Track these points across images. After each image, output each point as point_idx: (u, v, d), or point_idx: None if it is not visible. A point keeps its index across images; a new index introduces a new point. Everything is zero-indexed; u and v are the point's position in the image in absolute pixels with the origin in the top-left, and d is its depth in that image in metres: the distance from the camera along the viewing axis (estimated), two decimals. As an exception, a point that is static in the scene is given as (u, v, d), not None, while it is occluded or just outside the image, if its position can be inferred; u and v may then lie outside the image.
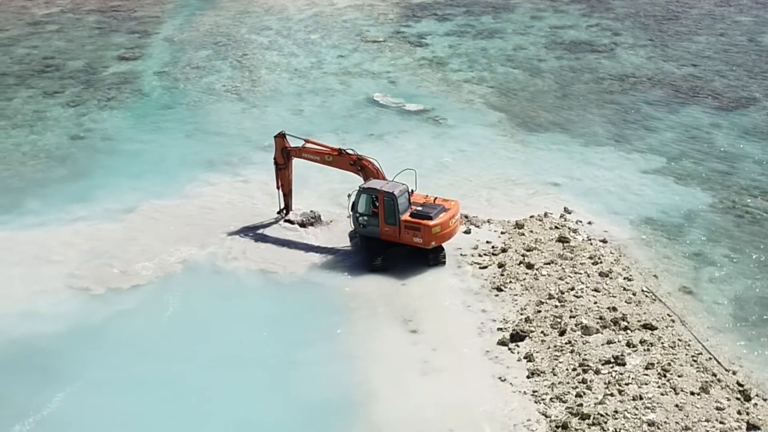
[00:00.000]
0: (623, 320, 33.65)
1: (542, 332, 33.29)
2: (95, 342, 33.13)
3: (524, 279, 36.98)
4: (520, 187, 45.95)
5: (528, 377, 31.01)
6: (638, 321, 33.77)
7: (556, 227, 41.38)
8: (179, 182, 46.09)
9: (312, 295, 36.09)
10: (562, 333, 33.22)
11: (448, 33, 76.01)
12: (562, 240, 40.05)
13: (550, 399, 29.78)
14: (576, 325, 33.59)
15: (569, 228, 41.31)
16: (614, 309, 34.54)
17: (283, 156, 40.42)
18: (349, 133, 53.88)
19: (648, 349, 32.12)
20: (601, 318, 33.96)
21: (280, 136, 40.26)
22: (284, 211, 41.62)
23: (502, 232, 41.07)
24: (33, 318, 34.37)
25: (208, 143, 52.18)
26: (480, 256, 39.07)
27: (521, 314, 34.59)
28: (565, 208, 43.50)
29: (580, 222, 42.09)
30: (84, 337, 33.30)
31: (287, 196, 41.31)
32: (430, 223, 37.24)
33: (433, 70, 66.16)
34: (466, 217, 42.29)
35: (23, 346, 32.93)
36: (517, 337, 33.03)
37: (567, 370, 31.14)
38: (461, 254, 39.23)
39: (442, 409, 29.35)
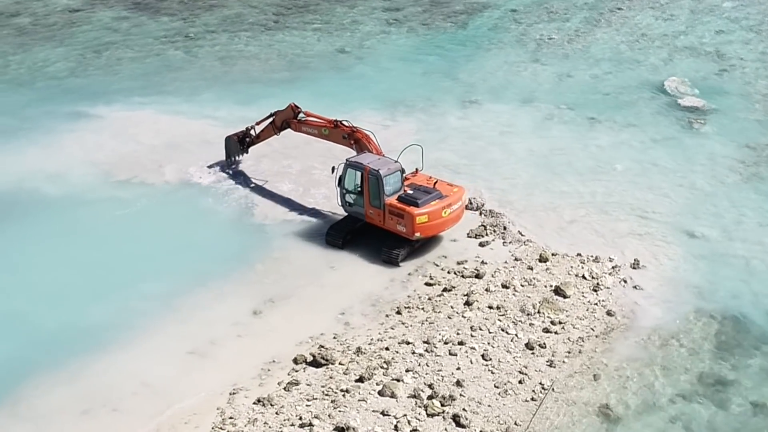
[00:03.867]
0: (444, 399, 26.19)
1: (344, 371, 27.69)
2: (59, 213, 36.36)
3: (439, 312, 30.43)
4: (635, 223, 35.90)
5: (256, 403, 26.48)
6: (460, 409, 25.95)
7: (583, 277, 32.21)
8: (338, 111, 45.64)
9: (241, 244, 34.53)
10: (360, 380, 27.23)
11: None
12: (558, 291, 31.31)
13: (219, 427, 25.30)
14: (390, 380, 27.15)
15: (598, 283, 31.79)
16: (459, 384, 26.93)
17: (282, 126, 37.47)
18: (573, 110, 47.07)
19: (403, 441, 24.79)
20: (429, 386, 26.96)
21: (293, 110, 36.89)
22: (246, 139, 39.12)
23: (515, 259, 33.41)
24: (55, 180, 39.02)
25: (427, 85, 50.15)
26: (448, 272, 32.72)
27: (368, 344, 29.00)
28: (635, 260, 33.19)
29: (625, 283, 31.94)
30: (60, 207, 36.83)
31: (257, 140, 38.91)
32: (415, 211, 32.24)
33: (807, 71, 51.80)
34: (504, 228, 35.10)
35: (16, 194, 37.71)
36: (314, 362, 28.10)
37: (292, 409, 25.85)
38: (435, 263, 33.26)
39: (136, 388, 27.03)
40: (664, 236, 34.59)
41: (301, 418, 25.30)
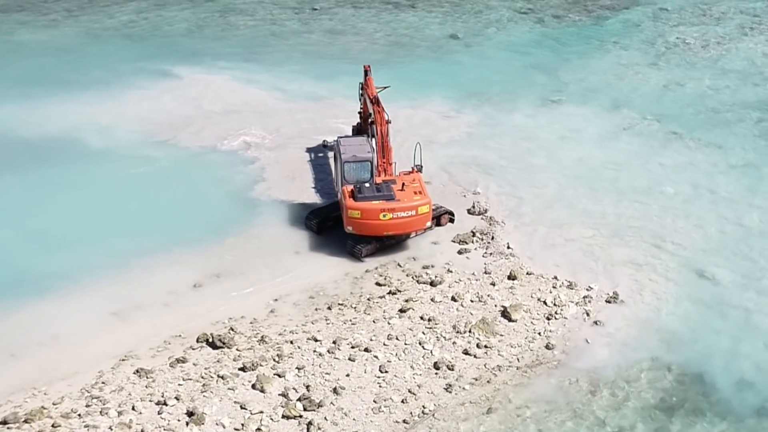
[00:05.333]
0: (310, 404, 25.28)
1: (234, 358, 27.41)
2: (88, 165, 38.17)
3: (368, 315, 29.28)
4: (642, 252, 32.20)
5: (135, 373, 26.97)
6: (321, 418, 25.07)
7: (544, 302, 29.84)
8: (407, 96, 45.02)
9: (226, 216, 34.65)
10: (243, 369, 26.89)
11: None
12: (504, 314, 29.28)
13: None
14: (273, 374, 26.70)
15: (556, 312, 29.34)
16: (336, 392, 25.88)
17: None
18: (659, 122, 43.75)
19: None
20: (307, 387, 26.08)
21: (365, 70, 36.23)
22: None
23: (485, 272, 31.52)
24: (102, 133, 41.27)
25: (519, 79, 48.08)
26: (407, 275, 31.43)
27: (278, 334, 28.49)
28: (614, 293, 30.24)
29: (587, 316, 29.22)
30: (92, 159, 38.81)
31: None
32: (349, 203, 31.30)
33: None
34: (492, 238, 33.18)
35: (63, 142, 40.15)
36: (212, 344, 28.08)
37: (163, 385, 26.04)
38: (399, 264, 32.06)
39: (44, 338, 27.77)
40: (667, 271, 30.72)
41: (163, 396, 25.01)
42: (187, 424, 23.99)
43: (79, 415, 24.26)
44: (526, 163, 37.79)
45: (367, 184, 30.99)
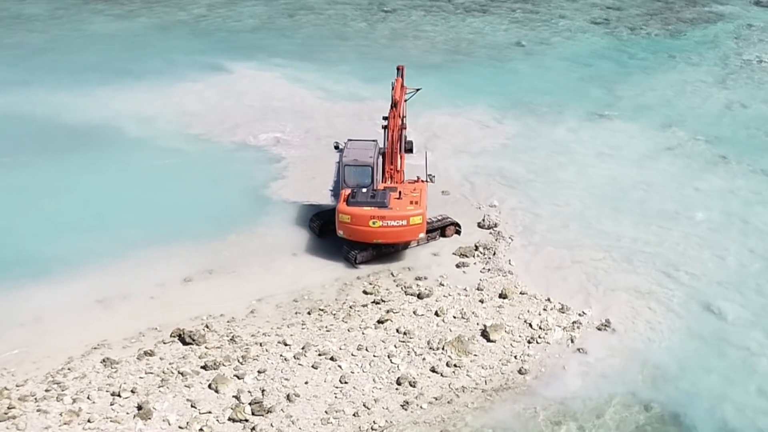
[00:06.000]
0: (260, 408, 25.21)
1: (200, 355, 27.61)
2: (120, 153, 39.03)
3: (345, 323, 28.96)
4: (649, 279, 30.66)
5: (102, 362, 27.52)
6: (267, 424, 25.01)
7: (529, 324, 28.95)
8: (450, 103, 44.56)
9: (234, 212, 34.78)
10: (204, 367, 26.99)
11: None
12: (484, 333, 28.54)
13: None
14: (232, 375, 26.85)
15: (540, 335, 28.40)
16: (290, 399, 25.73)
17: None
18: (710, 143, 41.96)
19: None
20: (262, 391, 26.16)
21: (397, 69, 34.83)
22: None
23: (477, 288, 30.79)
24: (141, 123, 42.19)
25: (573, 90, 46.80)
26: (397, 285, 30.98)
27: (250, 335, 28.51)
28: (606, 320, 29.01)
29: (571, 342, 28.13)
30: (126, 148, 39.70)
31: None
32: (341, 207, 31.00)
33: None
34: (494, 254, 32.40)
35: (102, 130, 41.28)
36: (182, 340, 28.25)
37: (124, 377, 26.57)
38: (392, 272, 31.66)
39: (27, 320, 28.39)
40: (670, 300, 29.13)
41: (120, 388, 25.15)
42: (134, 417, 23.84)
43: (36, 399, 24.51)
44: (552, 179, 36.48)
45: (364, 190, 30.43)
